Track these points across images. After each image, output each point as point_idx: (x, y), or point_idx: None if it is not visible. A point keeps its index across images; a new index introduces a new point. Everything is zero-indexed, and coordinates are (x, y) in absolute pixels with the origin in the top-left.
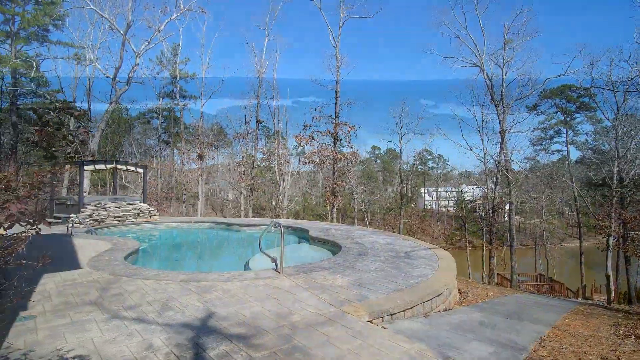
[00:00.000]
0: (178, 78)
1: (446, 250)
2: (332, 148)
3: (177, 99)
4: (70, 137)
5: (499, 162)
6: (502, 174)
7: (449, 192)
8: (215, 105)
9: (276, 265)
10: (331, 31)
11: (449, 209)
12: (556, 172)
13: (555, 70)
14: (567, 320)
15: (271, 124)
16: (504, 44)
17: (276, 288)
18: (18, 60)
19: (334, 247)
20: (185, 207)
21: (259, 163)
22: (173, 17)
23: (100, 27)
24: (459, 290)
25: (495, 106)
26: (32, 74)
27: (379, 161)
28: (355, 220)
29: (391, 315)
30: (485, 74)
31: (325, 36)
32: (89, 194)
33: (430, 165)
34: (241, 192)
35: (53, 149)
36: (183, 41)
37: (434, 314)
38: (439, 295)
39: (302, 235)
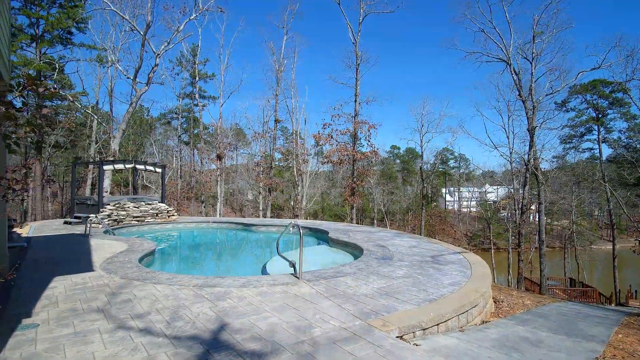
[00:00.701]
0: (197, 78)
1: (468, 252)
2: (352, 147)
3: (197, 99)
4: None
5: (529, 161)
6: (531, 173)
7: (471, 192)
8: (234, 105)
9: (295, 270)
10: (350, 27)
11: (471, 209)
12: (587, 171)
13: (588, 63)
14: (621, 336)
15: (289, 124)
16: (533, 36)
17: (295, 296)
18: (42, 62)
19: (355, 250)
20: (204, 207)
21: (277, 163)
22: (192, 18)
23: (121, 28)
24: (492, 298)
25: (523, 102)
26: (55, 75)
27: (398, 161)
28: (375, 221)
29: (423, 330)
30: (512, 69)
31: (344, 33)
32: (110, 193)
33: (451, 165)
34: (259, 192)
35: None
36: (202, 42)
37: (471, 328)
38: (475, 306)
39: (321, 237)
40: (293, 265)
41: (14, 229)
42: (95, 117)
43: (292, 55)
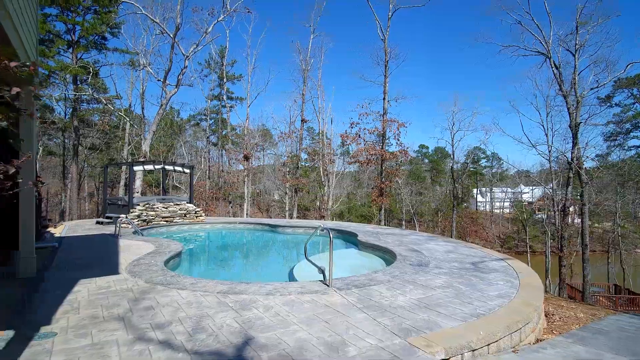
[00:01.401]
0: (225, 80)
1: (512, 258)
2: (380, 146)
3: (224, 101)
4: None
5: (572, 160)
6: (575, 172)
7: (505, 193)
8: (261, 106)
9: (324, 277)
10: (379, 23)
11: (504, 210)
12: (634, 170)
13: (637, 54)
14: None
15: (315, 124)
16: (576, 26)
17: (325, 306)
18: (77, 66)
19: (386, 255)
20: (232, 207)
21: (303, 163)
22: (220, 19)
23: (152, 32)
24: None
25: (564, 97)
26: (89, 79)
27: (426, 160)
28: (403, 222)
29: (473, 351)
30: (552, 62)
31: (372, 29)
32: (142, 194)
33: (483, 164)
34: (286, 193)
35: None
36: (230, 43)
37: (525, 348)
38: (529, 322)
39: (350, 240)
40: (322, 271)
41: (49, 229)
42: (128, 119)
43: (318, 55)
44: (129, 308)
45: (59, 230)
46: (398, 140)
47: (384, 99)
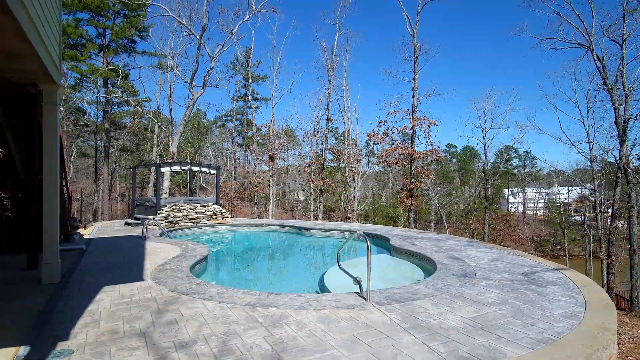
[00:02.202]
0: (250, 81)
1: (568, 268)
2: (410, 146)
3: (250, 102)
4: None
5: (621, 158)
6: (623, 172)
7: (539, 193)
8: (286, 106)
9: (360, 289)
10: (408, 17)
11: (538, 212)
12: None
13: None
14: None
15: (340, 124)
16: (623, 14)
17: (365, 325)
18: (107, 69)
19: (423, 262)
20: (257, 208)
21: (328, 164)
22: (245, 19)
23: (180, 35)
24: None
25: (609, 91)
26: (119, 82)
27: (454, 160)
28: (432, 224)
29: None
30: (594, 55)
31: (400, 25)
32: (171, 194)
33: (515, 164)
34: (311, 194)
35: None
36: (255, 44)
37: None
38: (606, 350)
39: (381, 244)
40: (358, 282)
41: (79, 229)
42: (156, 121)
43: (344, 53)
44: (151, 322)
45: (88, 232)
46: (429, 139)
47: (413, 96)
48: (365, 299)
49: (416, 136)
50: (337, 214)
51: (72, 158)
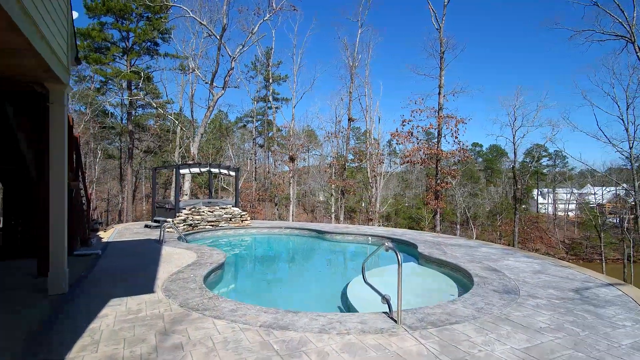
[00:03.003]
0: (271, 81)
1: (624, 283)
2: (436, 145)
3: (270, 102)
4: None
5: None
6: None
7: (570, 194)
8: (306, 106)
9: (389, 308)
10: (434, 11)
11: (569, 213)
12: None
13: None
14: None
15: (361, 123)
16: None
17: (397, 357)
18: (130, 72)
19: (457, 274)
20: (277, 209)
21: (349, 164)
22: (266, 18)
23: (201, 36)
24: None
25: None
26: (141, 84)
27: (480, 159)
28: (458, 226)
29: None
30: (635, 46)
31: (426, 18)
32: (193, 195)
33: (544, 163)
34: (331, 194)
35: None
36: (275, 43)
37: None
38: None
39: (408, 251)
40: (387, 301)
41: (99, 232)
42: (178, 122)
43: (365, 50)
44: (154, 346)
45: (108, 234)
46: (457, 138)
47: (439, 93)
48: (395, 321)
49: (442, 135)
50: (358, 215)
51: (98, 160)
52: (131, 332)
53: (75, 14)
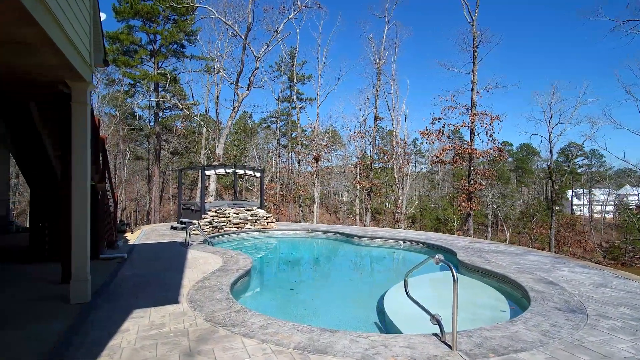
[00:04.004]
0: (295, 81)
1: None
2: (469, 144)
3: (295, 102)
4: None
5: None
6: None
7: (608, 195)
8: (331, 105)
9: (441, 330)
10: (466, 4)
11: (606, 215)
12: None
13: None
14: None
15: (387, 122)
16: None
17: None
18: (157, 74)
19: (504, 284)
20: (302, 210)
21: (376, 164)
22: (290, 17)
23: (226, 37)
24: None
25: None
26: (168, 85)
27: (510, 159)
28: (489, 229)
29: None
30: None
31: (457, 12)
32: (219, 196)
33: (579, 163)
34: (356, 195)
35: None
36: (300, 42)
37: None
38: None
39: (446, 258)
40: (438, 321)
41: (126, 234)
42: (204, 124)
43: (392, 47)
44: None
45: (135, 236)
46: (492, 136)
47: (472, 89)
48: (450, 347)
49: (476, 133)
50: (382, 216)
51: (127, 161)
52: (153, 351)
53: (103, 16)
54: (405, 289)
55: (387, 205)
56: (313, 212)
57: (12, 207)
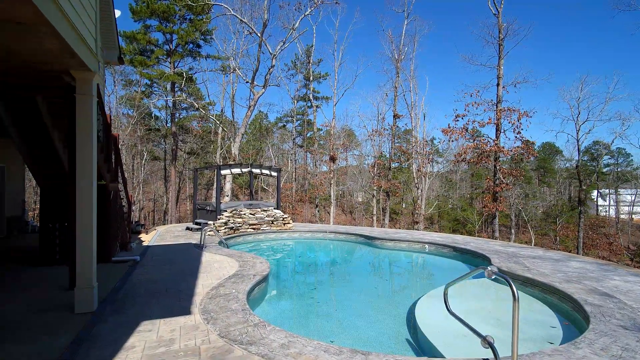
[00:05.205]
0: (311, 79)
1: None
2: (495, 142)
3: (311, 101)
4: None
5: None
6: None
7: (636, 195)
8: (347, 104)
9: (495, 356)
10: None
11: (633, 216)
12: None
13: None
14: None
15: (405, 120)
16: None
17: None
18: (173, 73)
19: (550, 295)
20: (318, 210)
21: (395, 164)
22: (307, 14)
23: (241, 35)
24: None
25: None
26: (183, 84)
27: (532, 158)
28: (512, 231)
29: None
30: None
31: (481, 5)
32: (234, 196)
33: (605, 162)
34: (373, 196)
35: None
36: (316, 39)
37: None
38: None
39: (478, 264)
40: (491, 345)
41: (140, 234)
42: (219, 123)
43: (411, 43)
44: None
45: (149, 237)
46: (519, 133)
47: (497, 84)
48: None
49: (501, 130)
50: (400, 217)
51: (144, 161)
52: None
53: (117, 12)
54: (446, 304)
55: (404, 206)
56: (329, 212)
57: (31, 208)
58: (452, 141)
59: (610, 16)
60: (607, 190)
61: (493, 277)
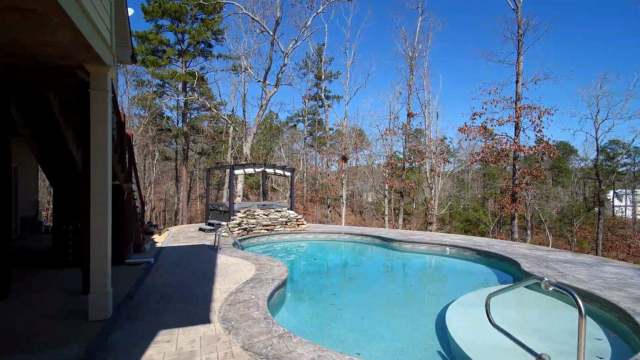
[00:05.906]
0: (323, 78)
1: None
2: (514, 140)
3: (322, 100)
4: None
5: None
6: None
7: None
8: (358, 103)
9: None
10: None
11: None
12: None
13: None
14: None
15: (418, 119)
16: None
17: None
18: (185, 73)
19: (590, 304)
20: (330, 211)
21: (408, 164)
22: (319, 11)
23: (253, 34)
24: None
25: None
26: (195, 83)
27: (545, 157)
28: (528, 232)
29: None
30: None
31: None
32: (246, 196)
33: (622, 161)
34: (385, 196)
35: None
36: (328, 38)
37: None
38: None
39: (506, 269)
40: None
41: (153, 235)
42: (231, 123)
43: (424, 41)
44: None
45: (162, 238)
46: (540, 131)
47: (516, 81)
48: None
49: (521, 128)
50: (411, 217)
51: (155, 161)
52: None
53: (130, 10)
54: (488, 316)
55: (415, 206)
56: (340, 213)
57: (45, 208)
58: (470, 140)
59: (634, 10)
60: (624, 190)
61: (551, 289)
